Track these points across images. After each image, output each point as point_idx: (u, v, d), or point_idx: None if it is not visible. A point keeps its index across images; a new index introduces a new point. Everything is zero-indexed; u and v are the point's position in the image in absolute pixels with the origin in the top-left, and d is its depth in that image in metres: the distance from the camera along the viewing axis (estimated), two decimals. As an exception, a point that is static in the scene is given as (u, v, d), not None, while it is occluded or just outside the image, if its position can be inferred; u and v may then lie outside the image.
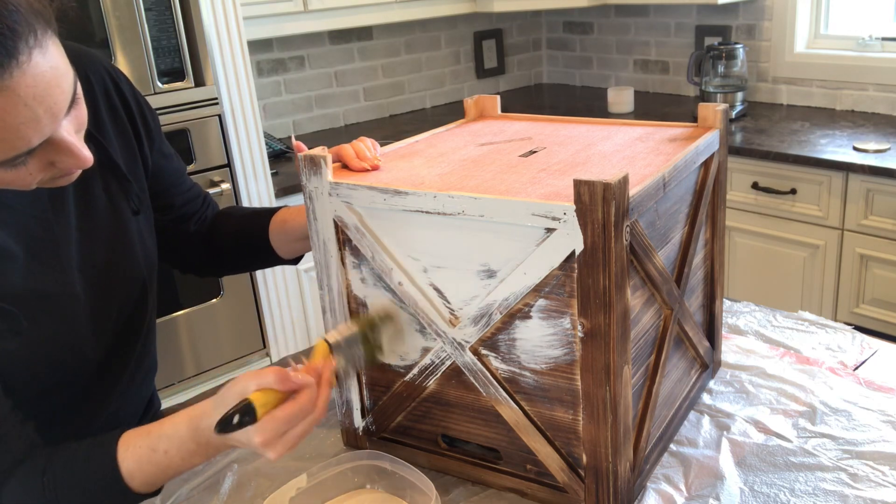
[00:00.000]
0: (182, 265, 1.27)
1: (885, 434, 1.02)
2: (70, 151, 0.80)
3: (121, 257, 1.04)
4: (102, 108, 1.03)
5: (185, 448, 0.88)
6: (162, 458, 0.88)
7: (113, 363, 1.06)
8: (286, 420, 0.83)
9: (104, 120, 1.03)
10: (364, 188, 0.93)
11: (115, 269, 1.03)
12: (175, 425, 0.88)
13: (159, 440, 0.88)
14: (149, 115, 1.10)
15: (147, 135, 1.09)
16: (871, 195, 2.29)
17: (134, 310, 1.07)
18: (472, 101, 1.26)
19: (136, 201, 1.05)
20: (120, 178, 1.03)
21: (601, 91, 3.47)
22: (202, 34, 2.20)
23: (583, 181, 0.78)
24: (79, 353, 1.00)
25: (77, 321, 0.98)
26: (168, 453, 0.88)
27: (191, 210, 1.21)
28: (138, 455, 0.88)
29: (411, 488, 0.94)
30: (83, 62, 1.01)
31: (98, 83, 1.03)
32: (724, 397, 1.13)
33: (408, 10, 2.99)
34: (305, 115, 3.15)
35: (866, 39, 2.80)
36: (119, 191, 1.04)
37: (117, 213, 1.04)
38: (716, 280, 1.15)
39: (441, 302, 0.94)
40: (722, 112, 1.08)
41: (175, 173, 1.17)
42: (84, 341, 1.00)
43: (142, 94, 1.10)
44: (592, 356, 0.84)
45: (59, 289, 0.96)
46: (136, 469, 0.88)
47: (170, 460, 0.88)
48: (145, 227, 1.09)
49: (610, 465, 0.88)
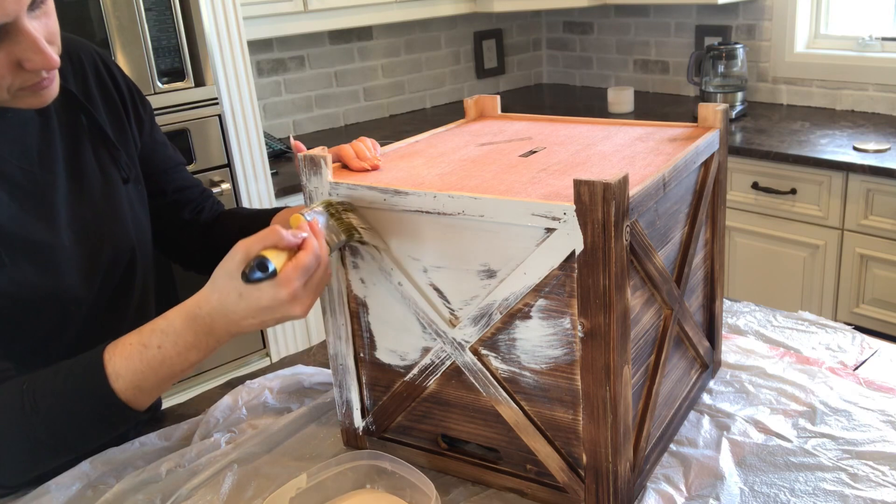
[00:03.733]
0: (182, 259, 1.27)
1: (885, 434, 1.02)
2: (35, 46, 0.82)
3: (110, 219, 1.05)
4: (92, 84, 1.06)
5: (181, 341, 0.85)
6: (155, 353, 0.84)
7: (103, 330, 1.05)
8: (305, 268, 0.80)
9: (94, 94, 1.06)
10: (364, 188, 0.93)
11: (104, 230, 1.04)
12: (168, 320, 0.85)
13: (152, 335, 0.85)
14: (139, 99, 1.13)
15: (136, 117, 1.12)
16: (871, 195, 2.30)
17: (123, 277, 1.07)
18: (472, 101, 1.26)
19: (125, 169, 1.07)
20: (109, 147, 1.06)
21: (601, 91, 3.47)
22: (202, 34, 2.20)
23: (583, 181, 0.78)
24: (64, 304, 0.99)
25: (62, 270, 0.98)
26: (162, 348, 0.85)
27: (185, 198, 1.21)
28: (128, 352, 0.85)
29: (411, 488, 0.94)
30: (74, 45, 1.07)
31: (89, 62, 1.07)
32: (724, 397, 1.13)
33: (408, 10, 2.99)
34: (305, 115, 3.15)
35: (866, 39, 2.80)
36: (108, 158, 1.06)
37: (107, 179, 1.05)
38: (716, 280, 1.15)
39: (441, 302, 0.94)
40: (722, 112, 1.08)
41: (168, 160, 1.19)
42: (70, 293, 0.99)
43: (133, 83, 1.14)
44: (592, 356, 0.84)
45: (43, 236, 0.96)
46: (124, 368, 0.85)
47: (164, 355, 0.85)
48: (136, 197, 1.10)
49: (610, 465, 0.88)
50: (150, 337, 0.85)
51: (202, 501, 0.99)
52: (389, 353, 1.01)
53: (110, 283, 1.06)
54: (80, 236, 1.01)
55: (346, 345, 1.03)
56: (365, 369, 1.04)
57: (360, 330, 1.02)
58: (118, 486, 1.01)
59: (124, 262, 1.06)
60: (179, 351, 0.85)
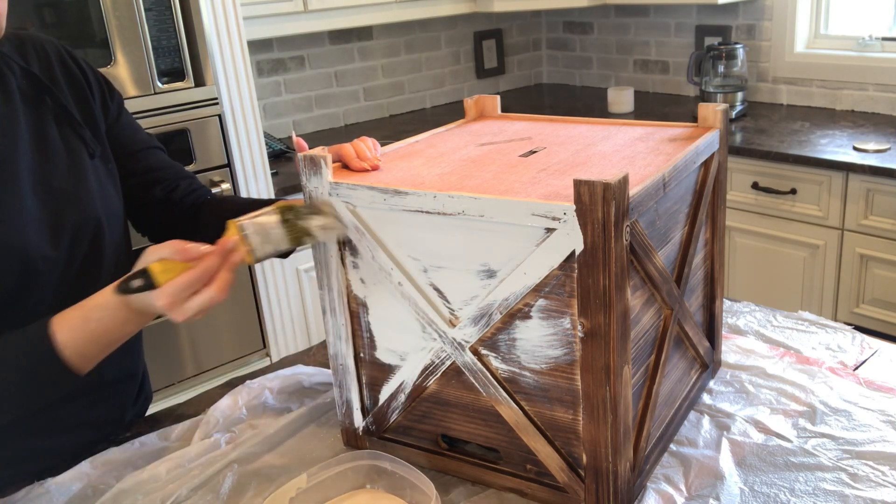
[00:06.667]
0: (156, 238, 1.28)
1: (885, 434, 1.02)
2: None
3: (75, 187, 1.08)
4: (57, 69, 1.11)
5: (118, 317, 0.93)
6: (96, 326, 0.93)
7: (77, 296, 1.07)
8: (185, 286, 0.87)
9: (58, 77, 1.11)
10: (364, 188, 0.93)
11: (69, 196, 1.07)
12: (105, 297, 0.93)
13: (92, 311, 0.93)
14: (105, 86, 1.17)
15: (102, 101, 1.16)
16: (871, 195, 2.29)
17: (92, 243, 1.09)
18: (472, 101, 1.26)
19: (91, 145, 1.11)
20: (73, 124, 1.10)
21: (601, 91, 3.47)
22: (202, 34, 2.20)
23: (583, 181, 0.78)
24: (30, 265, 1.01)
25: (26, 230, 1.01)
26: (102, 321, 0.92)
27: (157, 177, 1.23)
28: (72, 325, 0.92)
29: (411, 488, 0.94)
30: (41, 39, 1.13)
31: (53, 52, 1.12)
32: (724, 397, 1.13)
33: (408, 10, 2.99)
34: (305, 115, 3.15)
35: (866, 39, 2.80)
36: (73, 135, 1.10)
37: (72, 153, 1.09)
38: (716, 280, 1.15)
39: (441, 302, 0.94)
40: (722, 112, 1.08)
41: (138, 143, 1.21)
42: (36, 250, 1.02)
43: (102, 74, 1.18)
44: (592, 356, 0.84)
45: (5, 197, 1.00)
46: (70, 339, 0.92)
47: (104, 328, 0.93)
48: (104, 173, 1.13)
49: (610, 465, 0.88)
50: (91, 312, 0.93)
51: (202, 501, 0.99)
52: (389, 353, 1.01)
53: (80, 247, 1.08)
54: (44, 200, 1.04)
55: (346, 345, 1.03)
56: (365, 369, 1.04)
57: (360, 330, 1.02)
58: (118, 486, 1.01)
59: (91, 228, 1.09)
60: (117, 325, 0.94)
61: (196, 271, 0.88)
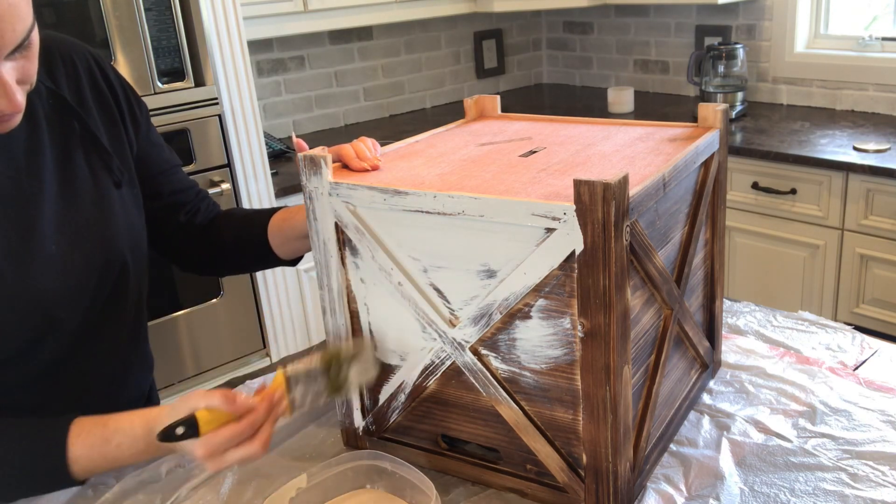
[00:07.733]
0: (180, 261, 1.28)
1: (885, 434, 1.02)
2: (3, 90, 0.83)
3: (101, 226, 1.05)
4: (86, 87, 1.07)
5: (136, 446, 0.93)
6: (113, 450, 0.92)
7: (96, 346, 1.06)
8: (226, 440, 0.88)
9: (87, 97, 1.06)
10: (364, 188, 0.93)
11: (95, 236, 1.04)
12: (131, 423, 0.93)
13: (115, 434, 0.93)
14: (134, 101, 1.13)
15: (132, 119, 1.12)
16: (871, 195, 2.30)
17: (116, 282, 1.07)
18: (472, 101, 1.26)
19: (118, 173, 1.07)
20: (101, 151, 1.06)
21: (601, 91, 3.47)
22: (202, 34, 2.20)
23: (583, 181, 0.78)
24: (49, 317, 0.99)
25: (47, 280, 0.99)
26: (120, 447, 0.92)
27: (181, 200, 1.21)
28: (90, 442, 0.92)
29: (411, 488, 0.94)
30: (69, 47, 1.07)
31: (82, 65, 1.07)
32: (724, 397, 1.13)
33: (408, 10, 2.99)
34: (305, 115, 3.15)
35: (866, 39, 2.80)
36: (100, 163, 1.06)
37: (98, 183, 1.06)
38: (716, 280, 1.15)
39: (441, 302, 0.94)
40: (722, 112, 1.08)
41: (164, 162, 1.19)
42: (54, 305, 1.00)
43: (129, 84, 1.14)
44: (592, 356, 0.84)
45: (25, 246, 0.97)
46: (84, 455, 0.92)
47: (120, 453, 0.93)
48: (130, 201, 1.10)
49: (610, 465, 0.88)
50: (113, 435, 0.93)
51: (202, 501, 0.99)
52: (389, 353, 1.01)
53: (103, 290, 1.05)
54: (68, 243, 1.01)
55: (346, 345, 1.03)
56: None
57: (360, 330, 1.02)
58: (118, 486, 1.01)
59: (117, 267, 1.06)
60: (133, 453, 0.93)
61: (242, 426, 0.88)
